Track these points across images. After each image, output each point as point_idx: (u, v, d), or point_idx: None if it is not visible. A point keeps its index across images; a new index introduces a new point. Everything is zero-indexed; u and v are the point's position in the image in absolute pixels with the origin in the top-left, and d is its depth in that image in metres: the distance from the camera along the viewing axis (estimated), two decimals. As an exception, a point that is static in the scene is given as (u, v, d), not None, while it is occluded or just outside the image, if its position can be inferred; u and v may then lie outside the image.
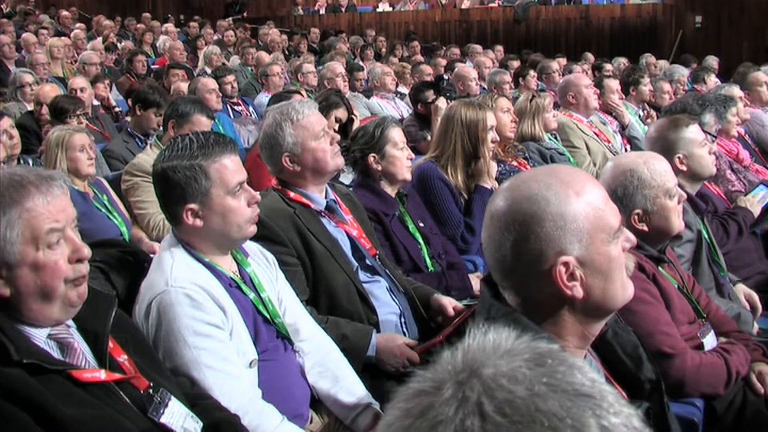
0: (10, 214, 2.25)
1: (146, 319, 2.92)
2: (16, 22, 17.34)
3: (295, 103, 3.97)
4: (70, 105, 6.81)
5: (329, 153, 3.88)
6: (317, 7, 23.16)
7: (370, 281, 3.94)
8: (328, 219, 3.92)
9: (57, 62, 11.97)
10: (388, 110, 9.97)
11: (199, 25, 18.91)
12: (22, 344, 2.24)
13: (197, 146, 3.02)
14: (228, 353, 2.92)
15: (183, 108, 5.61)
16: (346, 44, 16.27)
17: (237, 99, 9.81)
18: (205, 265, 3.06)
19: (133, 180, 5.59)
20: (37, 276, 2.28)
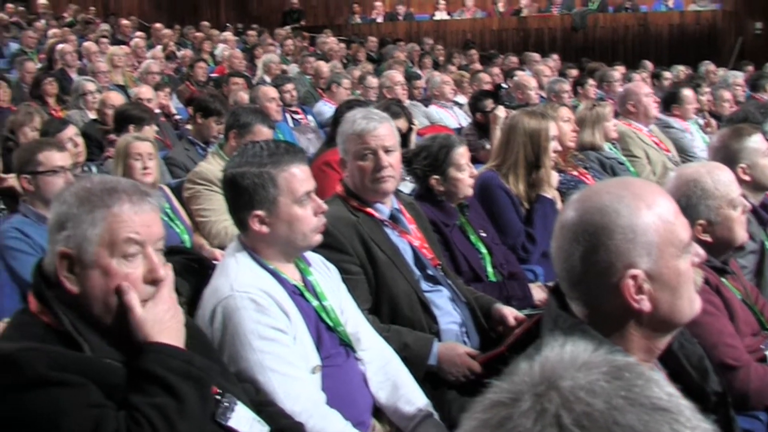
0: (96, 214, 2.31)
1: (211, 324, 2.96)
2: (77, 31, 17.56)
3: (374, 113, 4.00)
4: (138, 113, 6.88)
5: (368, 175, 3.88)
6: (374, 15, 23.19)
7: (432, 290, 3.94)
8: (391, 228, 3.93)
9: (117, 70, 12.12)
10: (447, 119, 9.96)
11: (257, 33, 19.00)
12: (95, 343, 2.30)
13: (267, 154, 3.06)
14: (292, 357, 2.95)
15: (244, 118, 5.64)
16: (403, 53, 16.26)
17: (296, 107, 9.86)
18: (270, 271, 3.09)
19: (195, 188, 5.65)
20: (106, 282, 2.31)
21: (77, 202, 2.32)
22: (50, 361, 2.16)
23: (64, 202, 2.34)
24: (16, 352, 2.17)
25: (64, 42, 13.55)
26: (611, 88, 10.84)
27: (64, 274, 2.31)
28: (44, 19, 19.73)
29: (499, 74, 12.87)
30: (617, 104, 7.80)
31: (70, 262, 2.31)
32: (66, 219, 2.31)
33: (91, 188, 2.35)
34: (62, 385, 2.15)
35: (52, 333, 2.29)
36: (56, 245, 2.32)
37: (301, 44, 17.91)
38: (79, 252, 2.30)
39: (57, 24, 18.75)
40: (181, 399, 2.27)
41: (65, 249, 2.30)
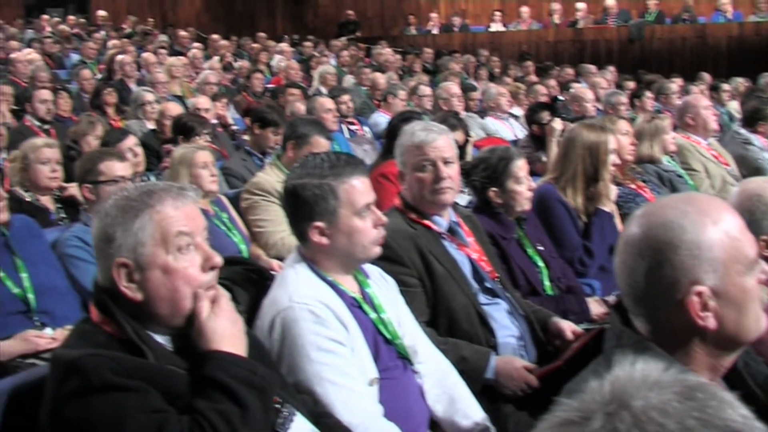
0: (142, 218, 2.34)
1: (269, 335, 2.97)
2: (136, 42, 17.77)
3: (433, 125, 4.01)
4: (196, 124, 6.95)
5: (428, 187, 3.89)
6: (430, 26, 23.21)
7: (490, 303, 3.93)
8: (449, 241, 3.93)
9: (175, 81, 12.21)
10: (503, 131, 9.94)
11: (313, 44, 19.11)
12: (158, 351, 2.33)
13: (328, 166, 3.07)
14: (350, 369, 2.96)
15: (302, 129, 5.67)
16: (459, 64, 16.25)
17: (352, 118, 9.89)
18: (328, 283, 3.10)
19: (252, 198, 5.68)
20: (168, 280, 2.34)
21: (120, 212, 2.35)
22: (114, 367, 2.19)
23: (106, 215, 2.37)
24: (82, 357, 2.20)
25: (124, 53, 13.71)
26: (668, 101, 10.74)
27: (124, 284, 2.33)
28: (104, 30, 20.02)
29: (555, 86, 12.79)
30: (675, 117, 7.72)
31: (127, 271, 2.33)
32: (114, 231, 2.34)
33: (129, 196, 2.39)
34: (126, 391, 2.18)
35: (115, 342, 2.32)
36: (109, 259, 2.35)
37: (356, 55, 17.96)
38: (135, 258, 2.33)
39: (116, 35, 18.99)
40: (244, 406, 2.28)
41: (121, 259, 2.33)
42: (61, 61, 15.94)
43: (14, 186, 5.55)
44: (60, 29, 19.14)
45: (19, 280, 4.16)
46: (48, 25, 20.09)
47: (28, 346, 3.94)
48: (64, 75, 14.04)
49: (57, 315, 4.19)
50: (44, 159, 5.55)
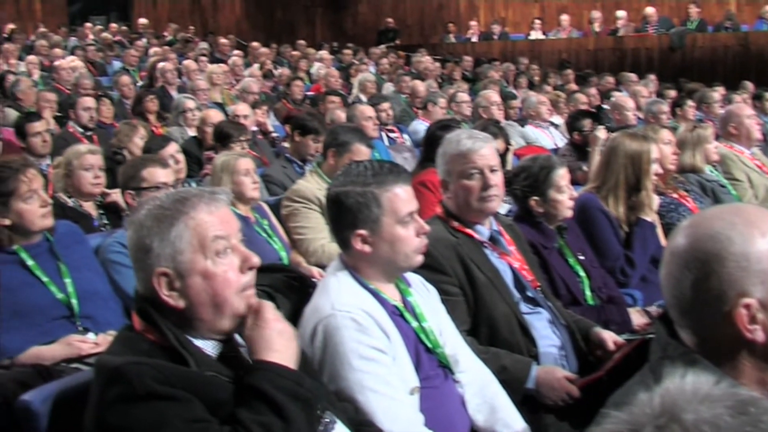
0: (178, 225, 2.35)
1: (311, 343, 2.97)
2: (176, 49, 17.90)
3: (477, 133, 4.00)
4: (234, 130, 7.00)
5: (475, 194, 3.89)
6: (469, 34, 23.19)
7: (531, 313, 3.91)
8: (491, 249, 3.92)
9: (216, 88, 12.27)
10: (543, 139, 9.90)
11: (352, 52, 19.14)
12: (200, 358, 2.33)
13: (371, 173, 3.07)
14: (392, 378, 2.95)
15: (343, 137, 5.69)
16: (498, 72, 16.21)
17: (392, 126, 9.89)
18: (370, 291, 3.10)
19: (293, 206, 5.70)
20: (208, 285, 2.35)
21: (155, 221, 2.36)
22: (157, 375, 2.20)
23: (141, 226, 2.37)
24: (125, 365, 2.22)
25: (165, 60, 13.81)
26: (710, 110, 10.65)
27: (165, 293, 2.35)
28: (145, 38, 20.17)
29: (595, 95, 12.72)
30: (718, 126, 7.65)
31: (168, 279, 2.35)
32: (150, 241, 2.34)
33: (162, 205, 2.39)
34: (168, 400, 2.18)
35: (157, 349, 2.33)
36: (148, 269, 2.35)
37: (396, 63, 17.97)
38: (174, 266, 2.34)
39: (158, 42, 19.14)
40: (287, 419, 2.28)
41: (160, 269, 2.34)
42: (103, 69, 16.08)
43: (57, 192, 5.59)
44: (102, 37, 19.33)
45: (63, 285, 4.18)
46: (91, 33, 20.30)
47: (72, 350, 3.96)
48: (106, 82, 14.16)
49: (99, 320, 4.21)
50: (87, 165, 5.59)
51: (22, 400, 2.57)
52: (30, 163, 4.39)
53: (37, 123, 7.53)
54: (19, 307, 4.03)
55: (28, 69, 13.35)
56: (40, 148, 7.41)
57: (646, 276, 5.08)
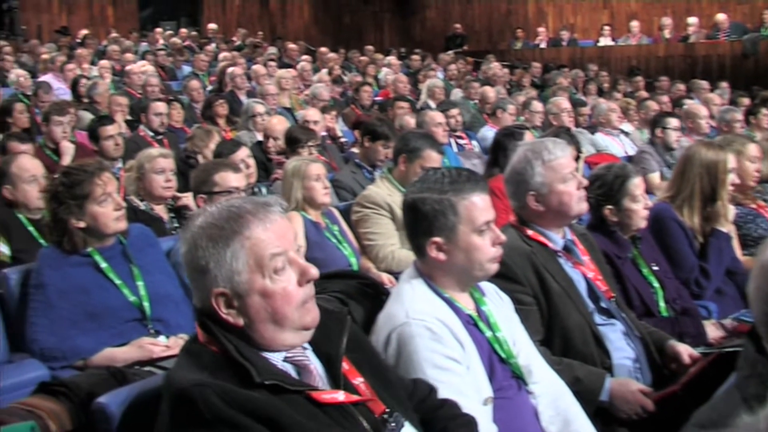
0: (234, 246, 2.32)
1: (385, 350, 2.96)
2: (245, 54, 18.03)
3: (548, 142, 3.95)
4: (303, 136, 7.02)
5: (575, 197, 3.84)
6: (538, 41, 23.08)
7: (605, 324, 3.85)
8: (565, 259, 3.87)
9: (285, 93, 12.32)
10: (613, 147, 9.80)
11: (420, 58, 19.12)
12: (262, 367, 2.31)
13: (449, 181, 3.05)
14: (465, 388, 2.92)
15: (414, 143, 5.67)
16: (567, 79, 16.09)
17: (461, 132, 9.86)
18: (445, 300, 3.08)
19: (363, 211, 5.70)
20: (268, 303, 2.34)
21: (210, 242, 2.33)
22: (221, 398, 2.18)
23: (196, 246, 2.35)
24: (191, 387, 2.21)
25: (234, 65, 13.90)
26: (786, 118, 10.44)
27: (224, 311, 2.34)
28: (215, 43, 20.36)
29: (667, 102, 12.55)
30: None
31: (226, 299, 2.34)
32: (206, 262, 2.33)
33: (216, 223, 2.36)
34: (231, 426, 2.17)
35: (220, 360, 2.33)
36: (205, 289, 2.35)
37: (464, 69, 17.91)
38: (232, 287, 2.32)
39: (226, 47, 19.30)
40: None
41: (218, 290, 2.33)
42: (173, 73, 16.28)
43: (129, 195, 5.65)
44: (172, 42, 19.56)
45: (136, 288, 4.21)
46: (161, 38, 20.55)
47: (143, 353, 3.99)
48: (176, 86, 14.31)
49: (171, 323, 4.23)
50: (159, 169, 5.63)
51: (98, 403, 2.58)
52: (105, 166, 4.43)
53: (109, 126, 7.63)
54: (93, 309, 4.08)
55: (100, 73, 13.52)
56: (112, 152, 7.50)
57: (721, 288, 4.99)
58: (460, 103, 11.34)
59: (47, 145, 8.07)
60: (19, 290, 4.35)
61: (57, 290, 4.08)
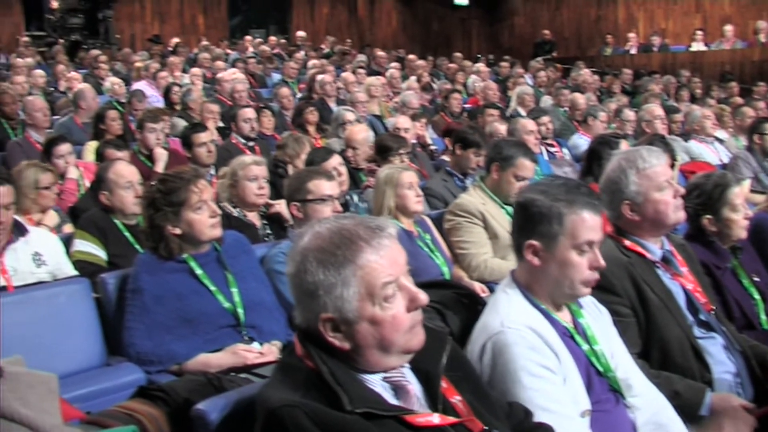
0: (345, 273, 2.29)
1: (480, 360, 2.93)
2: (334, 61, 18.15)
3: (643, 151, 3.88)
4: (394, 143, 7.02)
5: (671, 206, 3.77)
6: (628, 46, 22.80)
7: (705, 337, 3.77)
8: (663, 270, 3.80)
9: (374, 101, 12.35)
10: (707, 155, 9.63)
11: (509, 64, 19.02)
12: (355, 393, 2.28)
13: (565, 190, 3.02)
14: (562, 397, 2.88)
15: (507, 151, 5.63)
16: (659, 85, 15.85)
17: (552, 140, 9.77)
18: (541, 311, 3.04)
19: (456, 220, 5.67)
20: (376, 330, 2.32)
21: (320, 267, 2.31)
22: (312, 420, 2.18)
23: (305, 270, 2.32)
24: (282, 407, 2.21)
25: (323, 72, 13.97)
26: None
27: (330, 335, 2.32)
28: (303, 50, 20.52)
29: (764, 108, 12.29)
30: None
31: (333, 323, 2.32)
32: (315, 288, 2.31)
33: (326, 248, 2.32)
34: None
35: (314, 378, 2.31)
36: (312, 312, 2.33)
37: (554, 76, 17.76)
38: (340, 314, 2.30)
39: (315, 55, 19.44)
40: None
41: (326, 315, 2.31)
42: (263, 81, 16.44)
43: (222, 202, 5.70)
44: (262, 50, 19.76)
45: (230, 294, 4.25)
46: (251, 46, 20.78)
47: (237, 359, 4.02)
48: (266, 94, 14.45)
49: (264, 330, 4.27)
50: (252, 176, 5.69)
51: (198, 409, 2.60)
52: (200, 174, 4.49)
53: (202, 134, 7.71)
54: (188, 315, 4.14)
55: (191, 81, 13.70)
56: (205, 159, 7.59)
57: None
58: (550, 111, 11.25)
59: (141, 151, 8.21)
60: (116, 295, 4.45)
61: (153, 295, 4.15)
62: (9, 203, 4.78)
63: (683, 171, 7.87)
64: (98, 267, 5.10)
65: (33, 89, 12.93)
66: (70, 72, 14.39)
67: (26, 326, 4.25)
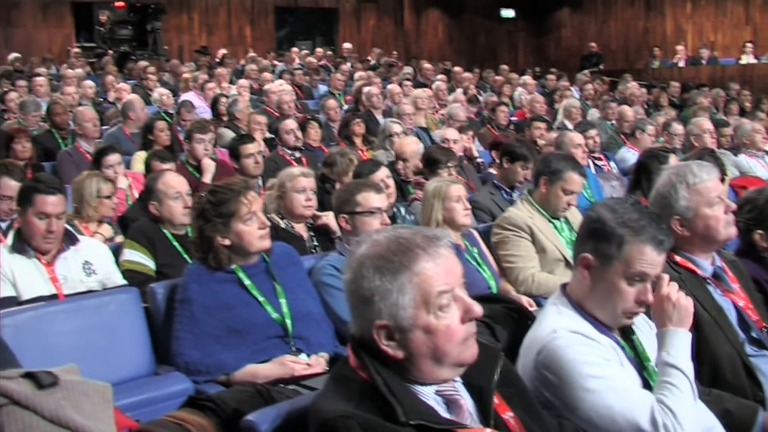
0: (401, 280, 2.29)
1: (534, 369, 2.92)
2: (380, 73, 18.17)
3: (694, 165, 3.85)
4: (442, 156, 7.02)
5: (722, 222, 3.74)
6: (676, 59, 22.64)
7: (757, 355, 3.71)
8: (714, 286, 3.76)
9: (420, 113, 12.33)
10: (757, 169, 9.51)
11: (556, 77, 18.95)
12: (409, 405, 2.28)
13: (636, 218, 2.98)
14: (631, 378, 2.93)
15: (555, 165, 5.60)
16: (707, 98, 15.70)
17: (599, 154, 9.70)
18: (592, 324, 3.02)
19: (503, 233, 5.65)
20: (430, 339, 2.31)
21: (377, 273, 2.31)
22: (365, 431, 2.19)
23: (362, 276, 2.33)
24: (335, 418, 2.22)
25: (370, 84, 14.00)
26: None
27: (384, 343, 2.32)
28: (350, 62, 20.59)
29: (812, 123, 12.14)
30: None
31: (387, 331, 2.32)
32: (371, 294, 2.31)
33: (383, 255, 2.33)
34: None
35: (368, 389, 2.31)
36: (367, 319, 2.33)
37: (600, 89, 17.66)
38: (395, 321, 2.30)
39: (361, 67, 19.49)
40: None
41: (380, 322, 2.31)
42: (309, 92, 16.51)
43: (269, 213, 5.72)
44: (308, 61, 19.85)
45: (278, 305, 4.27)
46: (297, 58, 20.89)
47: (285, 370, 4.04)
48: (312, 105, 14.51)
49: (312, 341, 4.28)
50: (300, 188, 5.71)
51: (248, 420, 2.62)
52: (250, 185, 4.52)
53: (250, 145, 7.77)
54: (236, 325, 4.17)
55: (238, 92, 13.78)
56: (252, 170, 7.64)
57: None
58: (597, 124, 11.16)
59: (189, 162, 8.25)
60: (165, 304, 4.50)
61: (202, 306, 4.19)
62: (61, 212, 4.85)
63: (733, 186, 7.79)
64: (147, 276, 5.15)
65: (83, 100, 13.10)
66: (119, 83, 14.56)
67: (76, 334, 4.32)
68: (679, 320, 3.02)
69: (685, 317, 3.03)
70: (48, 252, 4.87)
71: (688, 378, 2.91)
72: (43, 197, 4.78)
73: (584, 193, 7.32)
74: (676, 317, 3.02)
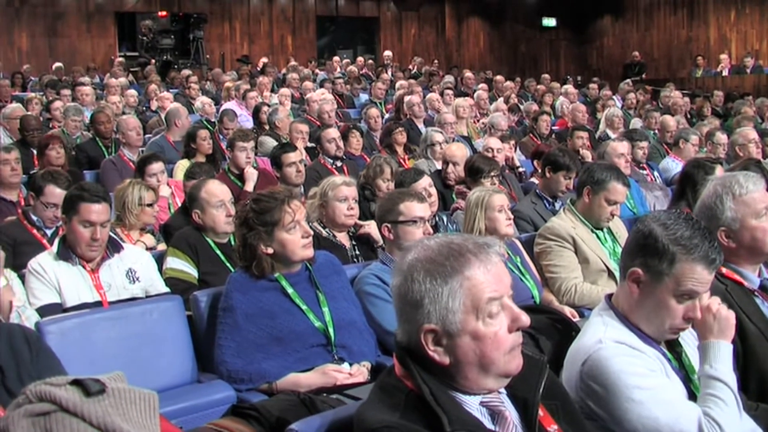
0: (452, 284, 2.28)
1: (580, 380, 2.90)
2: (421, 82, 18.19)
3: (740, 176, 3.81)
4: (485, 165, 7.00)
5: None
6: (720, 68, 22.46)
7: (805, 369, 3.67)
8: (761, 299, 3.71)
9: (462, 122, 12.34)
10: (803, 180, 9.40)
11: (598, 86, 18.86)
12: (455, 415, 2.27)
13: (688, 235, 2.93)
14: (677, 390, 2.89)
15: (599, 175, 5.57)
16: (752, 107, 15.54)
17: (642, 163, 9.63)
18: (638, 336, 2.99)
19: (546, 243, 5.63)
20: (477, 346, 2.30)
21: (428, 277, 2.30)
22: None
23: (412, 279, 2.32)
24: (380, 429, 2.21)
25: (411, 93, 14.00)
26: None
27: (431, 348, 2.31)
28: (391, 71, 20.62)
29: None
30: None
31: (434, 336, 2.31)
32: (421, 297, 2.30)
33: (435, 259, 2.32)
34: None
35: (413, 399, 2.31)
36: (415, 323, 2.32)
37: (643, 98, 17.55)
38: (444, 325, 2.29)
39: (403, 76, 19.51)
40: None
41: (429, 326, 2.30)
42: (351, 101, 16.56)
43: (312, 222, 5.73)
44: (349, 70, 19.92)
45: (321, 314, 4.28)
46: (338, 67, 20.96)
47: (327, 379, 4.05)
48: (354, 114, 14.54)
49: (354, 350, 4.28)
50: (342, 197, 5.70)
51: (292, 430, 2.60)
52: (294, 194, 4.53)
53: (292, 153, 7.77)
54: (279, 333, 4.18)
55: (280, 101, 13.84)
56: (294, 178, 7.64)
57: None
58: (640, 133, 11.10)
59: (231, 170, 8.29)
60: (208, 312, 4.52)
61: (245, 314, 4.20)
62: (106, 221, 4.89)
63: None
64: (190, 284, 5.17)
65: (126, 108, 13.22)
66: (162, 92, 14.71)
67: (120, 342, 4.35)
68: (720, 332, 2.99)
69: (726, 328, 3.00)
70: (92, 259, 4.92)
71: (733, 390, 2.89)
72: (88, 205, 4.83)
73: (627, 204, 7.27)
74: (717, 329, 2.99)
